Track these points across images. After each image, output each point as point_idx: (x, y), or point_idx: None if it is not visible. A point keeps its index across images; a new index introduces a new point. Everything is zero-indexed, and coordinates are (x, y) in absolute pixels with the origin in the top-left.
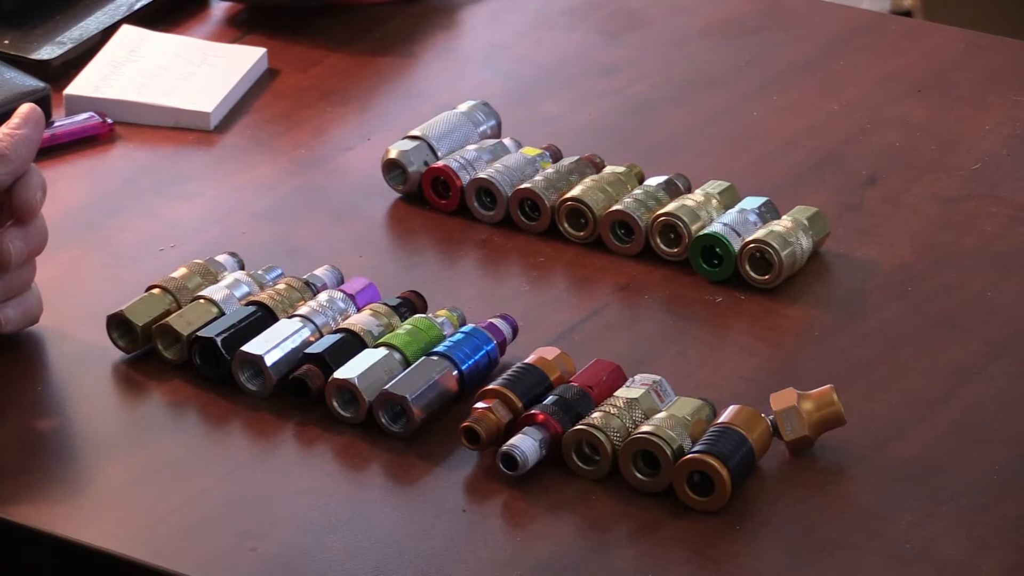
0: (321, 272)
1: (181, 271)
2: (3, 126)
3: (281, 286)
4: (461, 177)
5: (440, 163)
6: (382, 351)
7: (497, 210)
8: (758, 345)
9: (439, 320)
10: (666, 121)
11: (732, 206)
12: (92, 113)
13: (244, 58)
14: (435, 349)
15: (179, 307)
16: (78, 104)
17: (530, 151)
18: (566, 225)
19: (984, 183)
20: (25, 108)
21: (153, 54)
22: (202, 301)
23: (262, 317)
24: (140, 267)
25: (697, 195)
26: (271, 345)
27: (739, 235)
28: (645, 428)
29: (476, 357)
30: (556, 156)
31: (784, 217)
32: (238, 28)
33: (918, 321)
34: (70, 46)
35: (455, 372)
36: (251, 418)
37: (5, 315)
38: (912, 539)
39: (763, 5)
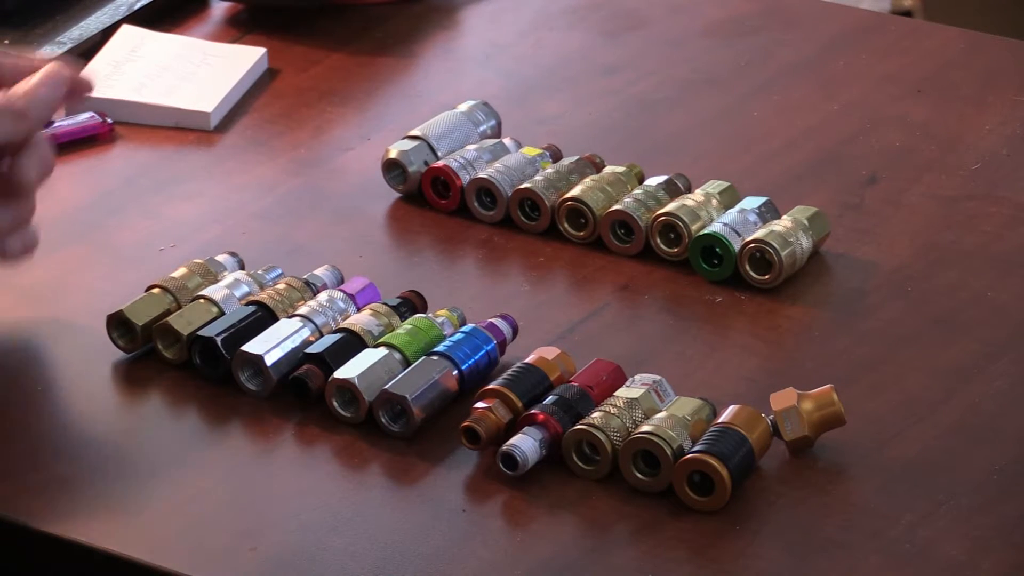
0: (321, 272)
1: (181, 271)
2: (24, 81)
3: (281, 286)
4: (461, 177)
5: (440, 163)
6: (382, 351)
7: (497, 210)
8: (758, 345)
9: (439, 320)
10: (666, 121)
11: (732, 206)
12: (92, 113)
13: (244, 58)
14: (435, 349)
15: (179, 307)
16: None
17: (530, 151)
18: (566, 225)
19: (984, 183)
20: (51, 67)
21: (153, 54)
22: (202, 301)
23: (262, 317)
24: (140, 267)
25: (697, 195)
26: (271, 345)
27: (739, 235)
28: (645, 428)
29: (476, 357)
30: (556, 156)
31: (784, 217)
32: (238, 28)
33: (918, 321)
34: (70, 46)
35: (455, 372)
36: (251, 418)
37: (10, 246)
38: (912, 539)
39: (763, 5)
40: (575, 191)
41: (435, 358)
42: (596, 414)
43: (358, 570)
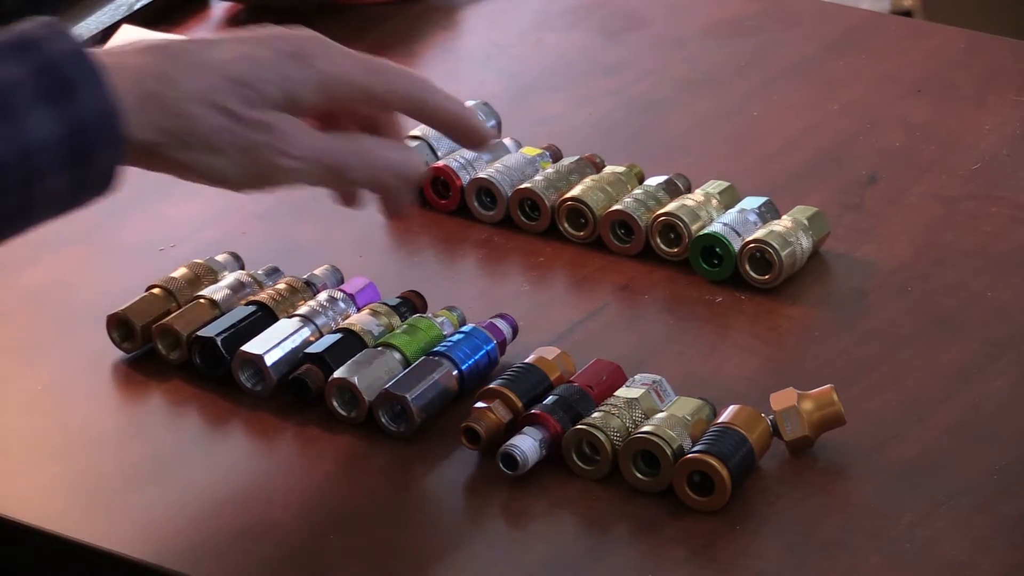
0: (321, 272)
1: (181, 271)
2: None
3: (281, 286)
4: (461, 177)
5: (440, 163)
6: (382, 351)
7: (497, 210)
8: (758, 345)
9: (439, 320)
10: (666, 121)
11: (732, 206)
12: None
13: None
14: (435, 349)
15: (179, 307)
16: None
17: (530, 151)
18: (566, 225)
19: (984, 183)
20: (410, 158)
21: None
22: (202, 301)
23: (262, 317)
24: (140, 267)
25: (697, 195)
26: (271, 345)
27: (739, 235)
28: (645, 428)
29: (476, 357)
30: (556, 156)
31: (784, 217)
32: (238, 28)
33: (918, 321)
34: None
35: (455, 372)
36: (251, 418)
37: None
38: (912, 539)
39: (763, 5)
40: (575, 191)
41: (435, 358)
42: (596, 414)
43: (358, 570)
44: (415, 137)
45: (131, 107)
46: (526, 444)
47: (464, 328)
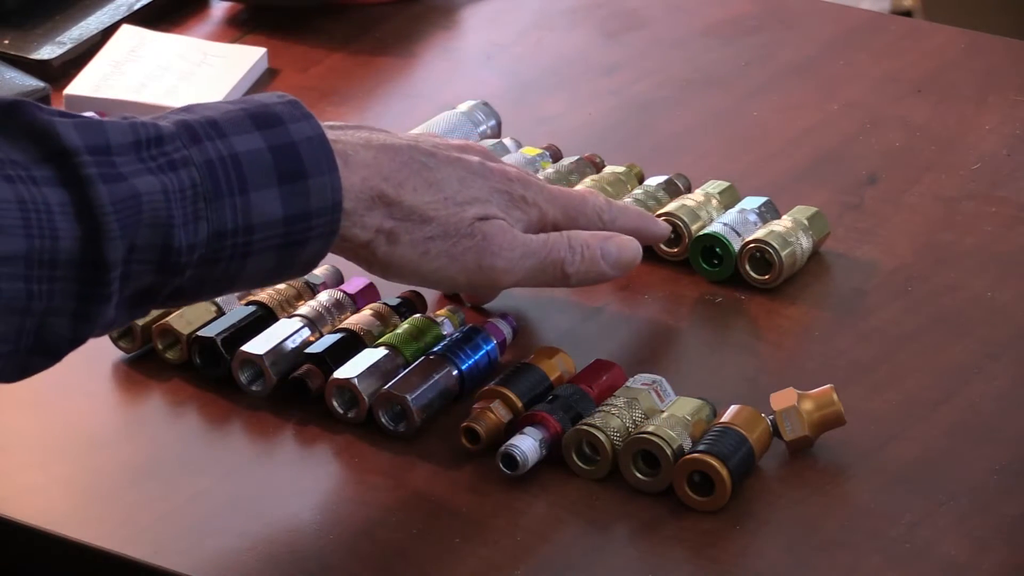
0: (321, 272)
1: None
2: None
3: (281, 286)
4: None
5: None
6: (382, 351)
7: None
8: (758, 345)
9: (439, 320)
10: (666, 121)
11: (732, 206)
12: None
13: (244, 58)
14: (435, 349)
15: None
16: (78, 104)
17: (530, 151)
18: None
19: (984, 183)
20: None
21: (153, 54)
22: None
23: (262, 317)
24: None
25: (697, 195)
26: (271, 345)
27: (739, 235)
28: (645, 428)
29: (476, 357)
30: (556, 156)
31: (784, 217)
32: (238, 28)
33: (918, 321)
34: (70, 46)
35: (455, 372)
36: (251, 418)
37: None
38: (912, 539)
39: (763, 5)
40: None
41: (435, 358)
42: (596, 414)
43: (358, 570)
44: None
45: (355, 206)
46: (526, 444)
47: (464, 328)
